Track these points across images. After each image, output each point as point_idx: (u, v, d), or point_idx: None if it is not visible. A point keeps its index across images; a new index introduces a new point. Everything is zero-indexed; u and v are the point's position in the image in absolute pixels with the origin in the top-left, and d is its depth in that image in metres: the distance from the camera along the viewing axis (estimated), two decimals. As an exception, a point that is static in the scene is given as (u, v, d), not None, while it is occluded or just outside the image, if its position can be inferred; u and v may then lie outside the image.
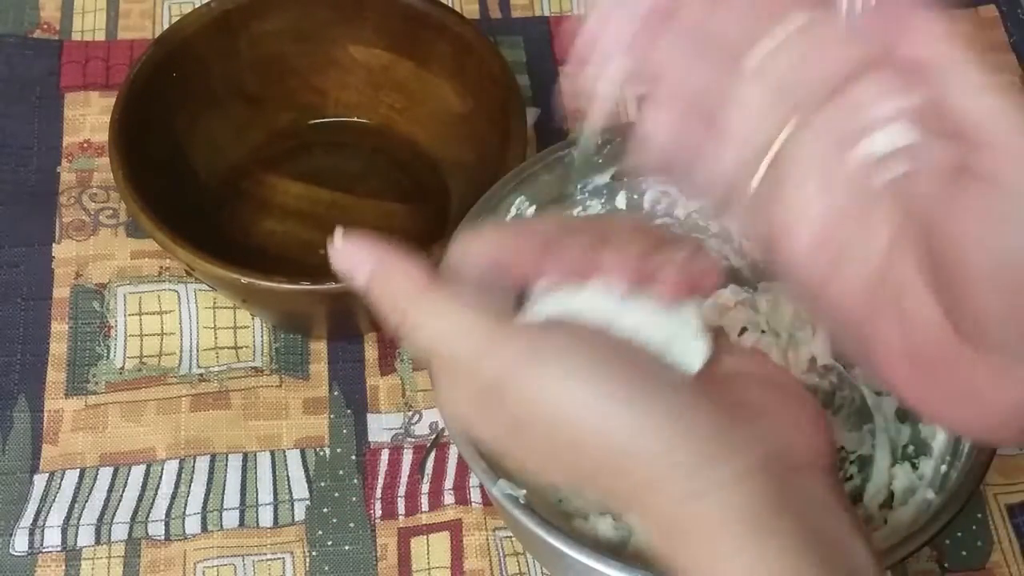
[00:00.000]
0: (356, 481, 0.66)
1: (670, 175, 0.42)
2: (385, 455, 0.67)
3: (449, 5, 0.77)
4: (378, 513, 0.65)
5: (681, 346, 0.41)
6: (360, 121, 0.78)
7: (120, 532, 0.64)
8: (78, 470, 0.66)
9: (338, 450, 0.67)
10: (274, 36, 0.75)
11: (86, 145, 0.78)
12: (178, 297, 0.72)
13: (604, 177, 0.65)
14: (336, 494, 0.66)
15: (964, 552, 0.65)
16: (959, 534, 0.65)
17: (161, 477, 0.66)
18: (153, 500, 0.65)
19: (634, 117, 0.42)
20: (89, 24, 0.83)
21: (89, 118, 0.79)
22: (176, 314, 0.71)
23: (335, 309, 0.67)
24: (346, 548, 0.64)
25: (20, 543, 0.64)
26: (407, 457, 0.67)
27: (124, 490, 0.66)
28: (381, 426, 0.68)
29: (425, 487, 0.66)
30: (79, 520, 0.65)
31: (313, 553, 0.64)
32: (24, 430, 0.67)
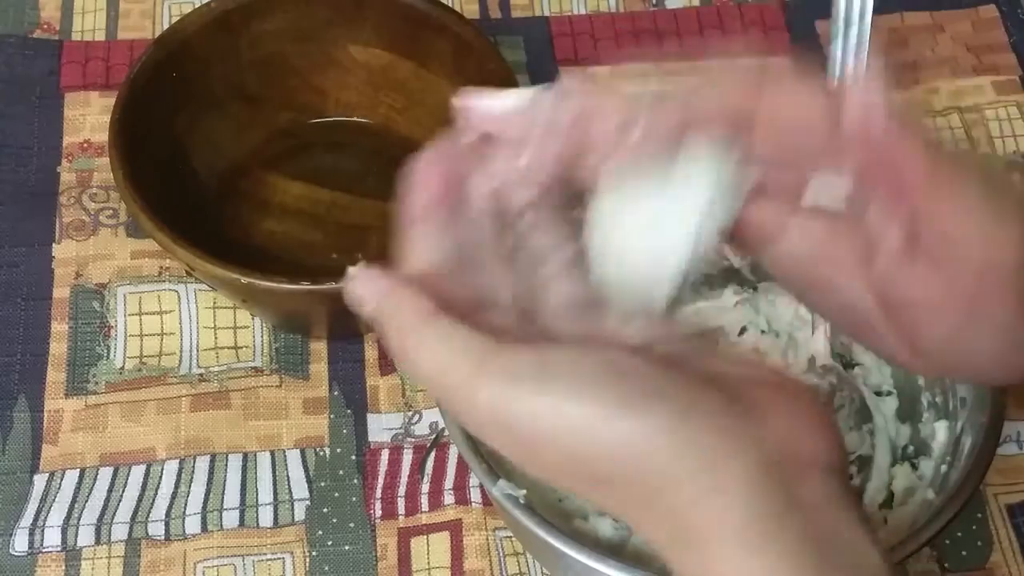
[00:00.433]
0: (356, 481, 0.66)
1: None
2: (385, 455, 0.67)
3: (449, 5, 0.77)
4: (378, 513, 0.65)
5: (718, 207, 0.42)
6: (360, 121, 0.78)
7: (120, 532, 0.64)
8: (78, 470, 0.66)
9: (338, 450, 0.67)
10: (274, 36, 0.75)
11: (86, 145, 0.78)
12: (178, 297, 0.72)
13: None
14: (336, 494, 0.66)
15: (964, 552, 0.65)
16: (959, 534, 0.65)
17: (161, 477, 0.66)
18: (153, 500, 0.65)
19: None
20: (89, 24, 0.83)
21: (89, 118, 0.79)
22: (176, 314, 0.71)
23: (335, 309, 0.67)
24: (346, 548, 0.64)
25: (20, 543, 0.64)
26: (407, 457, 0.67)
27: (124, 490, 0.66)
28: (381, 426, 0.68)
29: (425, 487, 0.66)
30: (79, 520, 0.65)
31: (313, 553, 0.64)
32: (24, 430, 0.67)
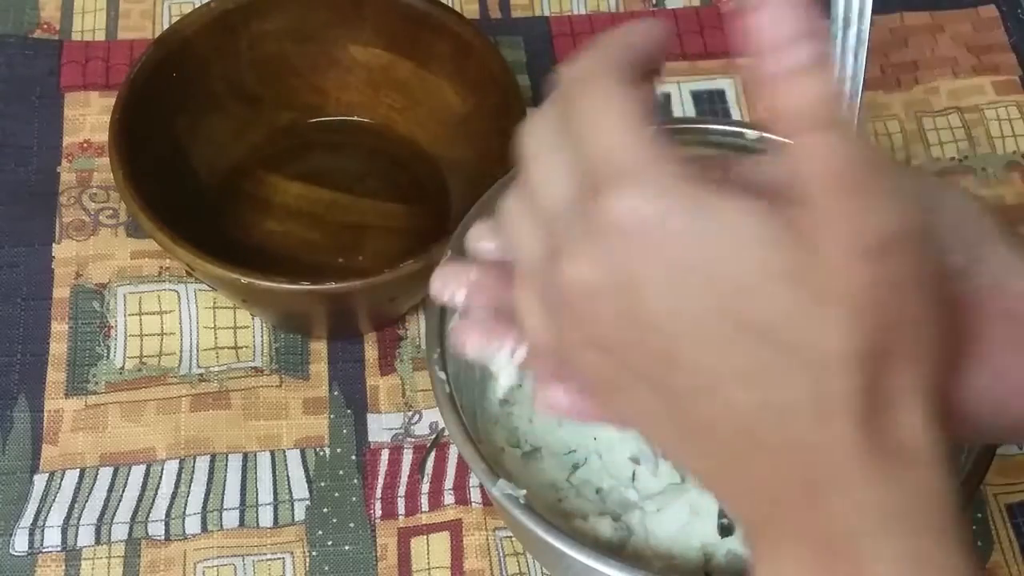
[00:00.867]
0: (356, 481, 0.66)
1: None
2: (385, 455, 0.67)
3: (449, 5, 0.77)
4: (378, 513, 0.65)
5: None
6: (360, 121, 0.78)
7: (120, 532, 0.64)
8: (78, 470, 0.66)
9: (338, 450, 0.67)
10: (274, 36, 0.75)
11: (86, 145, 0.78)
12: (178, 297, 0.72)
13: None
14: (336, 494, 0.66)
15: (964, 552, 0.65)
16: (959, 534, 0.65)
17: (161, 477, 0.66)
18: (153, 500, 0.65)
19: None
20: (89, 24, 0.83)
21: (89, 118, 0.79)
22: (176, 314, 0.71)
23: (335, 309, 0.68)
24: (346, 548, 0.64)
25: (20, 543, 0.64)
26: (407, 457, 0.67)
27: (124, 490, 0.66)
28: (381, 426, 0.68)
29: (425, 487, 0.66)
30: (79, 520, 0.65)
31: (313, 553, 0.64)
32: (24, 430, 0.67)
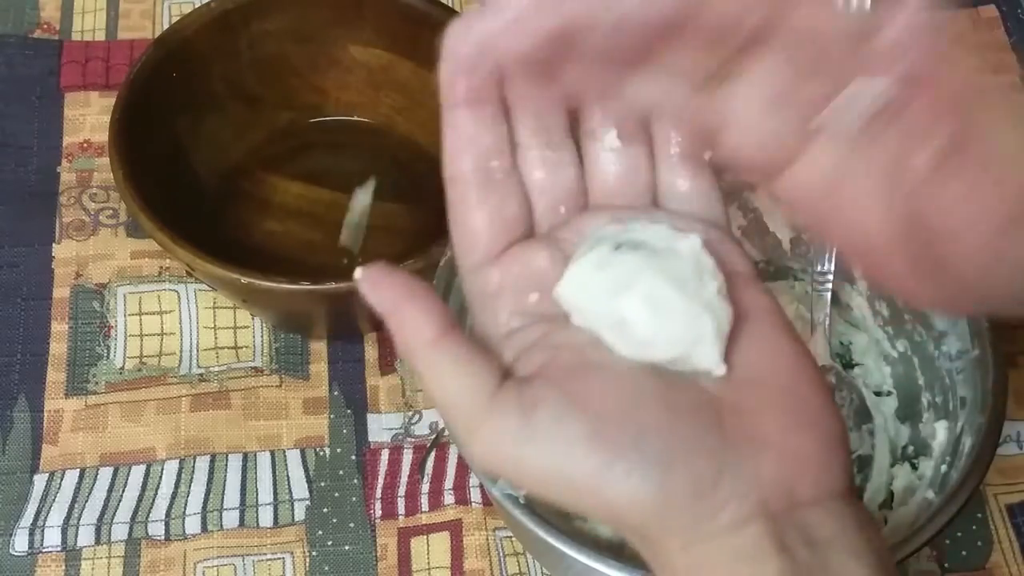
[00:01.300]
0: (356, 481, 0.66)
1: None
2: (385, 455, 0.67)
3: (449, 5, 0.77)
4: (378, 513, 0.65)
5: (701, 351, 0.39)
6: (360, 121, 0.78)
7: (120, 532, 0.64)
8: (78, 470, 0.66)
9: (338, 450, 0.67)
10: (274, 36, 0.75)
11: (86, 145, 0.78)
12: (178, 297, 0.72)
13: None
14: (336, 494, 0.66)
15: (964, 552, 0.65)
16: (959, 534, 0.65)
17: (161, 477, 0.66)
18: (153, 500, 0.65)
19: None
20: (89, 24, 0.83)
21: (89, 118, 0.79)
22: (176, 314, 0.71)
23: (335, 309, 0.67)
24: (346, 548, 0.64)
25: (20, 543, 0.64)
26: (407, 457, 0.67)
27: (124, 490, 0.66)
28: (381, 426, 0.68)
29: (425, 487, 0.66)
30: (79, 520, 0.65)
31: (313, 553, 0.64)
32: (24, 430, 0.67)
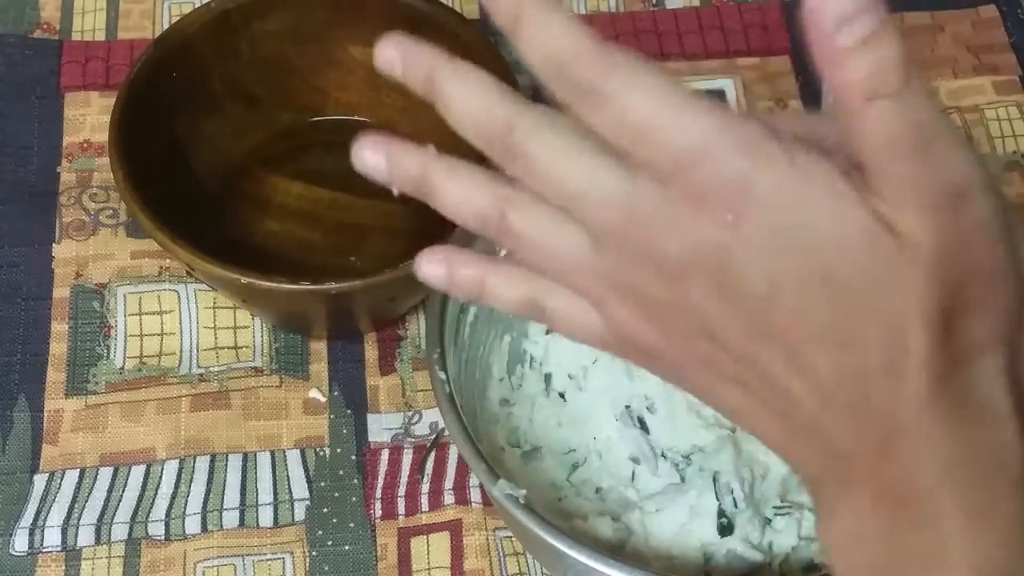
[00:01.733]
0: (356, 481, 0.66)
1: None
2: (385, 455, 0.67)
3: (449, 5, 0.77)
4: (378, 513, 0.65)
5: None
6: (360, 121, 0.78)
7: (120, 532, 0.64)
8: (78, 470, 0.66)
9: (338, 450, 0.67)
10: (274, 36, 0.75)
11: (86, 145, 0.78)
12: (178, 297, 0.72)
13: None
14: (336, 494, 0.66)
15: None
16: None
17: (161, 477, 0.66)
18: (153, 500, 0.65)
19: None
20: (89, 24, 0.83)
21: (89, 118, 0.79)
22: (176, 314, 0.71)
23: (335, 309, 0.67)
24: (346, 548, 0.64)
25: (20, 543, 0.64)
26: (407, 457, 0.67)
27: (124, 490, 0.66)
28: (381, 426, 0.68)
29: (425, 487, 0.66)
30: (79, 520, 0.65)
31: (313, 553, 0.64)
32: (24, 430, 0.67)
